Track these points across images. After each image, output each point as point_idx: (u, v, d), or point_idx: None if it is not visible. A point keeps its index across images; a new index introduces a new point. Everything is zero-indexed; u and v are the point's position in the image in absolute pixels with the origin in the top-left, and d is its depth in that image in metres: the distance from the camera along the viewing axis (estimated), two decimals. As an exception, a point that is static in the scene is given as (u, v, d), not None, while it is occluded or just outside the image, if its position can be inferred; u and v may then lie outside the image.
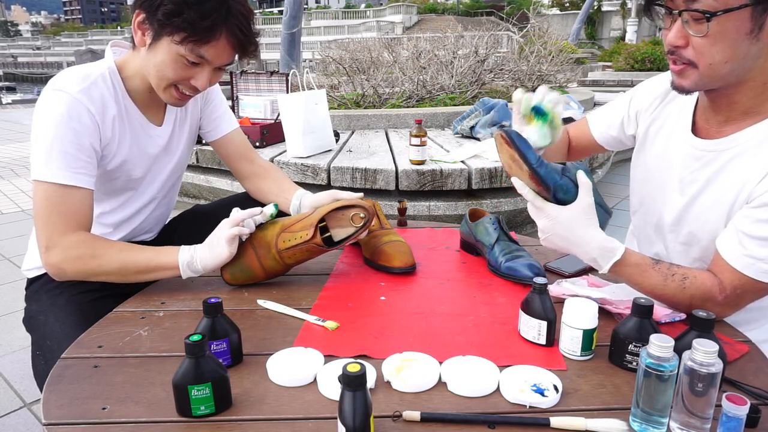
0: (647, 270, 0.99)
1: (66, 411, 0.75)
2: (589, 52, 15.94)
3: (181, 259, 1.09)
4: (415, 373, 0.81)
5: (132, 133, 1.24)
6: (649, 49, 10.26)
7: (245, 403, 0.77)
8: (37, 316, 1.19)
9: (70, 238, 1.09)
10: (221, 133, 1.44)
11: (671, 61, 0.97)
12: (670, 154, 1.13)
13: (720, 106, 1.02)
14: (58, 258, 1.08)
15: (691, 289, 0.97)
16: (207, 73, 1.14)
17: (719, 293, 0.96)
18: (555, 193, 0.98)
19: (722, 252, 0.97)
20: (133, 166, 1.26)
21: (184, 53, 1.09)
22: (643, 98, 1.24)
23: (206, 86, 1.15)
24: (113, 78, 1.20)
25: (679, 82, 0.98)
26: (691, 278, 0.97)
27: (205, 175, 3.60)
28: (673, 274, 0.98)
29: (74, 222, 1.10)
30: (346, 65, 5.44)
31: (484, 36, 5.56)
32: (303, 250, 1.11)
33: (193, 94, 1.18)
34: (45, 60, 46.36)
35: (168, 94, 1.17)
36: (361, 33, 26.93)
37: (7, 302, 2.57)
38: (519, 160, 0.97)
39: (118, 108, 1.20)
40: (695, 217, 1.06)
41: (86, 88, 1.13)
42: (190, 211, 1.56)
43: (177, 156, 1.37)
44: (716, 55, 0.91)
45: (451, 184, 2.81)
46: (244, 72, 3.74)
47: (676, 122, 1.14)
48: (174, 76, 1.13)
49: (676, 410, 0.70)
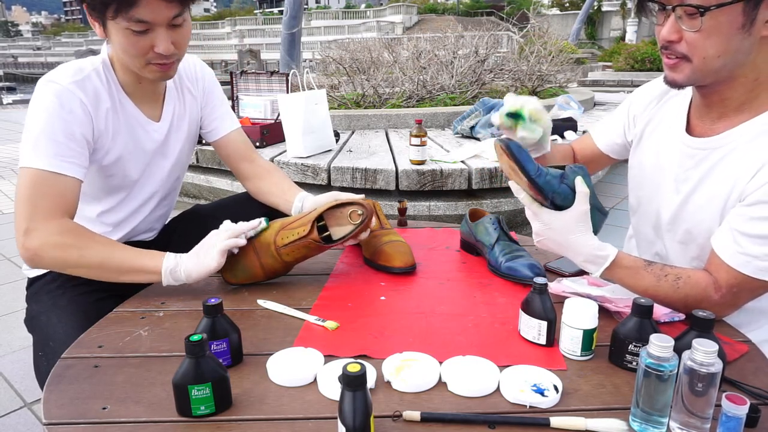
0: (639, 272, 0.99)
1: (66, 411, 0.75)
2: (589, 52, 15.94)
3: (165, 266, 1.07)
4: (415, 373, 0.81)
5: (127, 128, 1.23)
6: (649, 49, 10.27)
7: (245, 403, 0.77)
8: (39, 317, 1.18)
9: (53, 224, 1.05)
10: (222, 133, 1.43)
11: (665, 56, 0.99)
12: (665, 152, 1.14)
13: (712, 102, 1.04)
14: (37, 242, 1.04)
15: (685, 288, 0.97)
16: (162, 35, 1.09)
17: (715, 292, 0.96)
18: (553, 200, 0.99)
19: (717, 250, 0.97)
20: (128, 162, 1.25)
21: (126, 25, 1.06)
22: (639, 101, 1.26)
23: (171, 48, 1.11)
24: (107, 72, 1.19)
25: (672, 77, 1.00)
26: (685, 278, 0.97)
27: (205, 175, 3.60)
28: (666, 275, 0.98)
29: (60, 208, 1.07)
30: (346, 65, 5.44)
31: (484, 36, 5.56)
32: (300, 247, 1.11)
33: (168, 61, 1.14)
34: (45, 60, 46.35)
35: (148, 71, 1.15)
36: (361, 33, 26.93)
37: (8, 302, 2.57)
38: (518, 170, 0.98)
39: (112, 101, 1.19)
40: (691, 215, 1.07)
41: (79, 81, 1.13)
42: (190, 211, 1.55)
43: (175, 154, 1.36)
44: (709, 49, 0.93)
45: (451, 184, 2.81)
46: (244, 72, 3.74)
47: (671, 121, 1.15)
48: (136, 51, 1.10)
49: (676, 410, 0.70)
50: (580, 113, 4.02)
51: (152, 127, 1.28)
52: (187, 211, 1.56)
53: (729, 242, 0.95)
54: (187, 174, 3.66)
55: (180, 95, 1.36)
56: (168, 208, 1.48)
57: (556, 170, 1.00)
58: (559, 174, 1.00)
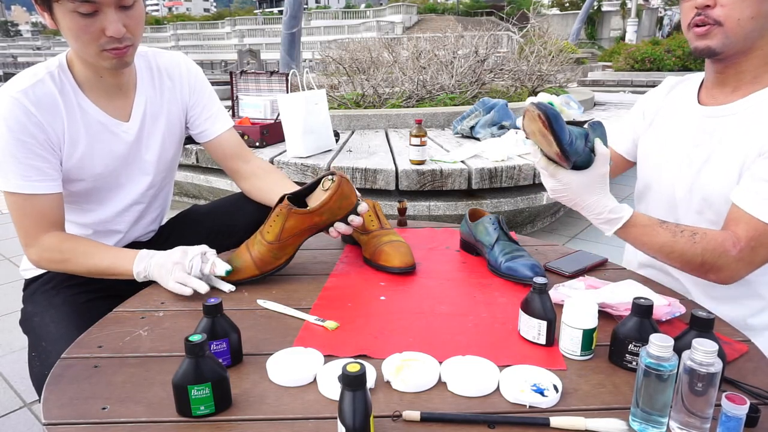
0: (655, 229, 1.01)
1: (66, 411, 0.75)
2: (589, 52, 15.95)
3: (135, 270, 1.11)
4: (415, 373, 0.81)
5: (88, 131, 1.19)
6: (648, 49, 10.28)
7: (245, 403, 0.77)
8: (33, 318, 1.19)
9: (44, 240, 1.14)
10: (216, 133, 1.38)
11: (695, 24, 1.03)
12: (676, 129, 1.17)
13: (728, 77, 1.08)
14: (35, 257, 1.16)
15: (702, 242, 0.98)
16: (111, 16, 1.05)
17: (733, 246, 0.97)
18: (574, 162, 0.99)
19: (738, 202, 0.99)
20: (95, 167, 1.22)
21: (72, 8, 1.02)
22: (648, 98, 1.31)
23: (121, 30, 1.06)
24: (62, 74, 1.16)
25: (705, 44, 1.03)
26: (701, 234, 0.99)
27: (205, 175, 3.60)
28: (682, 231, 1.00)
29: (45, 224, 1.14)
30: (346, 65, 5.44)
31: (484, 36, 5.57)
32: (274, 217, 1.11)
33: (121, 45, 1.09)
34: (45, 60, 46.23)
35: (103, 59, 1.11)
36: (361, 33, 26.94)
37: (7, 302, 2.57)
38: (550, 138, 0.95)
39: (68, 105, 1.16)
40: (707, 182, 1.09)
41: (29, 87, 1.11)
42: (187, 212, 1.53)
43: (155, 152, 1.31)
44: (745, 10, 0.97)
45: (451, 184, 2.81)
46: (244, 72, 3.74)
47: (682, 102, 1.19)
48: (87, 37, 1.06)
49: (676, 410, 0.70)
50: (580, 113, 4.02)
51: (121, 128, 1.24)
52: (183, 212, 1.53)
53: (750, 193, 0.97)
54: (187, 174, 3.68)
55: (156, 90, 1.30)
56: (161, 210, 1.45)
57: (578, 129, 1.00)
58: (584, 135, 0.99)
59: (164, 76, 1.32)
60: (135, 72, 1.27)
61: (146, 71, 1.29)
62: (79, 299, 1.20)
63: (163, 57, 1.33)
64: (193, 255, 1.09)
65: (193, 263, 1.08)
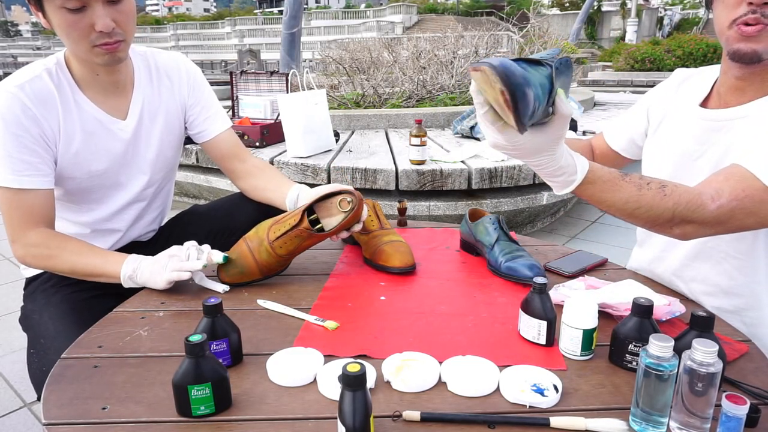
0: (617, 182, 0.88)
1: (66, 411, 0.75)
2: (589, 52, 15.96)
3: (123, 272, 1.10)
4: (415, 373, 0.81)
5: (84, 127, 1.19)
6: (648, 49, 10.28)
7: (245, 403, 0.77)
8: (32, 315, 1.19)
9: (30, 236, 1.13)
10: (214, 133, 1.39)
11: (745, 21, 0.92)
12: (682, 136, 1.13)
13: (750, 84, 1.00)
14: (20, 252, 1.15)
15: (674, 196, 0.88)
16: (99, 11, 1.06)
17: (711, 201, 0.88)
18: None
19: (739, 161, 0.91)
20: (89, 161, 1.21)
21: (60, 4, 1.04)
22: (655, 95, 1.25)
23: (110, 24, 1.07)
24: (60, 71, 1.17)
25: (750, 47, 0.93)
26: (671, 186, 0.88)
27: (205, 175, 3.60)
28: (648, 183, 0.88)
29: (33, 220, 1.14)
30: (346, 65, 5.44)
31: (484, 36, 5.57)
32: (292, 237, 1.11)
33: (111, 40, 1.10)
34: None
35: (95, 55, 1.11)
36: (361, 33, 26.95)
37: (7, 302, 2.57)
38: (508, 113, 0.74)
39: (65, 102, 1.16)
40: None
41: (26, 82, 1.12)
42: (187, 212, 1.53)
43: (154, 150, 1.31)
44: None
45: (451, 184, 2.81)
46: (244, 72, 3.74)
47: (689, 105, 1.14)
48: (77, 33, 1.07)
49: (676, 410, 0.70)
50: (580, 113, 4.02)
51: (118, 125, 1.24)
52: (183, 212, 1.53)
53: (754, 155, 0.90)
54: (187, 174, 3.69)
55: (154, 89, 1.31)
56: (161, 210, 1.45)
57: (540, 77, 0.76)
58: (548, 86, 0.77)
59: (163, 76, 1.32)
60: (132, 70, 1.27)
61: (144, 70, 1.29)
62: (77, 297, 1.20)
63: (162, 57, 1.34)
64: (189, 246, 1.11)
65: (189, 252, 1.10)
